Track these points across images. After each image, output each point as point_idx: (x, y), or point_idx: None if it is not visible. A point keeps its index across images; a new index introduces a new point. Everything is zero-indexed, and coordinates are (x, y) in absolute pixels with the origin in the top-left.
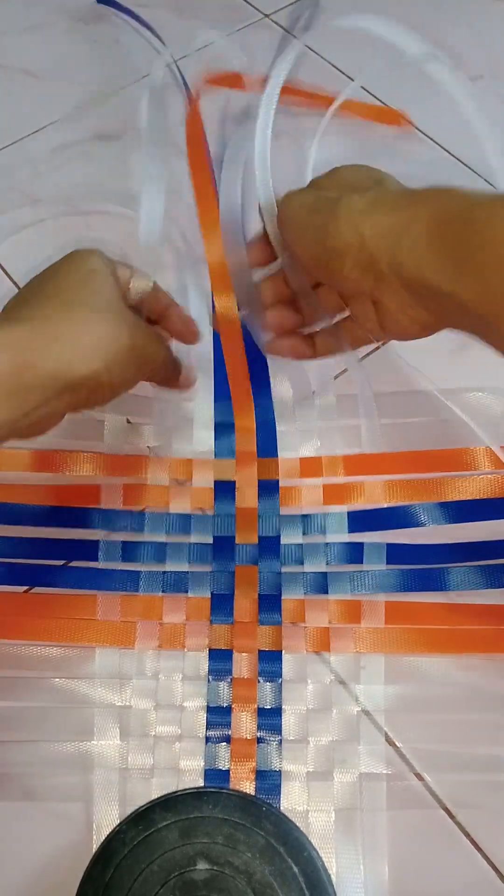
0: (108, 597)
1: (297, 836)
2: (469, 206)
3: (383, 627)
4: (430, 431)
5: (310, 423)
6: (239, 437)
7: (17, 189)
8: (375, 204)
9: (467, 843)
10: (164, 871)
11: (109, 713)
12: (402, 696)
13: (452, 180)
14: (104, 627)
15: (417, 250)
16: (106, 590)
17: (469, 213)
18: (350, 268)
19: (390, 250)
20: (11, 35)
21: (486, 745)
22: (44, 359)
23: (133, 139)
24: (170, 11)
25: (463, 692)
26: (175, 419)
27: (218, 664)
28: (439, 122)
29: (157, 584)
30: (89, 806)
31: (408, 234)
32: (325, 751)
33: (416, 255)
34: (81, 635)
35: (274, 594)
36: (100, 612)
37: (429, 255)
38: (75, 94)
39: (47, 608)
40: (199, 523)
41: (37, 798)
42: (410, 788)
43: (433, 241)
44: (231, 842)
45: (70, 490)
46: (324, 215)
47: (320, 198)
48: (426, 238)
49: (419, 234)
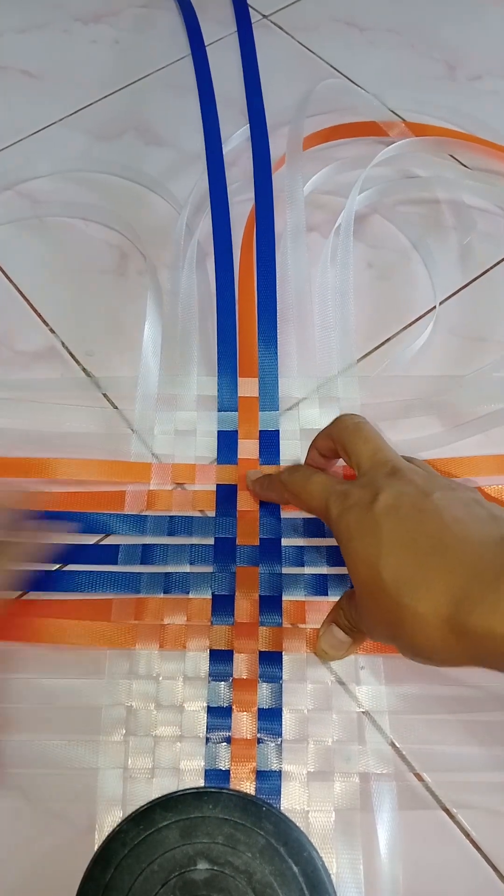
0: (110, 599)
1: (297, 836)
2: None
3: None
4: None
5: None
6: (242, 443)
7: (16, 189)
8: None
9: (467, 843)
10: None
11: (110, 714)
12: (402, 697)
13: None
14: (106, 629)
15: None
16: (108, 592)
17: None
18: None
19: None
20: (11, 35)
21: (486, 745)
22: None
23: (133, 139)
24: (169, 11)
25: (463, 692)
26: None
27: (218, 665)
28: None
29: (159, 585)
30: (89, 806)
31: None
32: (325, 751)
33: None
34: (84, 637)
35: (274, 595)
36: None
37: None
38: (75, 94)
39: (49, 610)
40: (201, 525)
41: (37, 798)
42: (410, 788)
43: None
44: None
45: (72, 496)
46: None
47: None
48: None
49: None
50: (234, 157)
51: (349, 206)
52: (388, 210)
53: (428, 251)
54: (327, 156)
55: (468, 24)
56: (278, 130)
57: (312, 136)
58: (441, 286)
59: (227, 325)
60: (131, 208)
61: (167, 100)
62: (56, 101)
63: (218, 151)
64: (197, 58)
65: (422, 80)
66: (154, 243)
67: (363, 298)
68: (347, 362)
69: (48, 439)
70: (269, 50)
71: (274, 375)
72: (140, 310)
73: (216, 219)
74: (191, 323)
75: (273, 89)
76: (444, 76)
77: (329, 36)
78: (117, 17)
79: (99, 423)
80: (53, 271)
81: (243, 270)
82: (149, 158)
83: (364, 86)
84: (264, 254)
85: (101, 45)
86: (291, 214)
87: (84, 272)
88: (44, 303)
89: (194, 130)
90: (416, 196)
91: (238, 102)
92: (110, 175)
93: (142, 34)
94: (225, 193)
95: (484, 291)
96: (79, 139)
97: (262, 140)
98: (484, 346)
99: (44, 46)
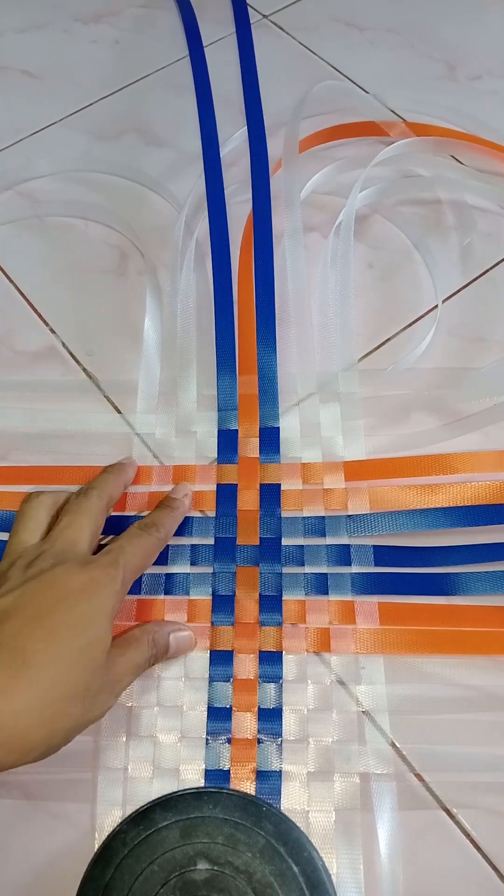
0: None
1: (297, 836)
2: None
3: (383, 628)
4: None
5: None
6: (242, 442)
7: (16, 189)
8: None
9: (467, 843)
10: (165, 871)
11: (111, 713)
12: (403, 697)
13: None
14: None
15: None
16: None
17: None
18: None
19: None
20: (11, 35)
21: (486, 745)
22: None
23: (133, 139)
24: (169, 11)
25: (463, 692)
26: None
27: (219, 665)
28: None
29: (159, 585)
30: (90, 806)
31: None
32: (325, 751)
33: None
34: None
35: (275, 595)
36: None
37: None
38: (75, 94)
39: None
40: (201, 525)
41: (37, 798)
42: (410, 788)
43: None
44: (231, 842)
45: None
46: None
47: None
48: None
49: None
50: (234, 157)
51: (349, 206)
52: (389, 210)
53: (428, 251)
54: (327, 156)
55: (468, 24)
56: (279, 130)
57: (312, 137)
58: (441, 286)
59: (225, 323)
60: (131, 208)
61: (167, 100)
62: (56, 101)
63: (215, 153)
64: (195, 59)
65: (422, 80)
66: (154, 243)
67: (363, 298)
68: (348, 361)
69: (49, 441)
70: (269, 50)
71: (273, 372)
72: (140, 310)
73: (213, 219)
74: (190, 322)
75: (273, 89)
76: (444, 76)
77: (329, 36)
78: (117, 17)
79: (100, 424)
80: (53, 271)
81: (243, 270)
82: (149, 158)
83: (364, 86)
84: (262, 253)
85: (101, 45)
86: (289, 216)
87: (84, 272)
88: (44, 303)
89: (194, 130)
90: (417, 196)
91: (238, 103)
92: (110, 175)
93: (142, 34)
94: (222, 194)
95: (484, 291)
96: (79, 139)
97: (260, 141)
98: (484, 346)
99: (44, 46)
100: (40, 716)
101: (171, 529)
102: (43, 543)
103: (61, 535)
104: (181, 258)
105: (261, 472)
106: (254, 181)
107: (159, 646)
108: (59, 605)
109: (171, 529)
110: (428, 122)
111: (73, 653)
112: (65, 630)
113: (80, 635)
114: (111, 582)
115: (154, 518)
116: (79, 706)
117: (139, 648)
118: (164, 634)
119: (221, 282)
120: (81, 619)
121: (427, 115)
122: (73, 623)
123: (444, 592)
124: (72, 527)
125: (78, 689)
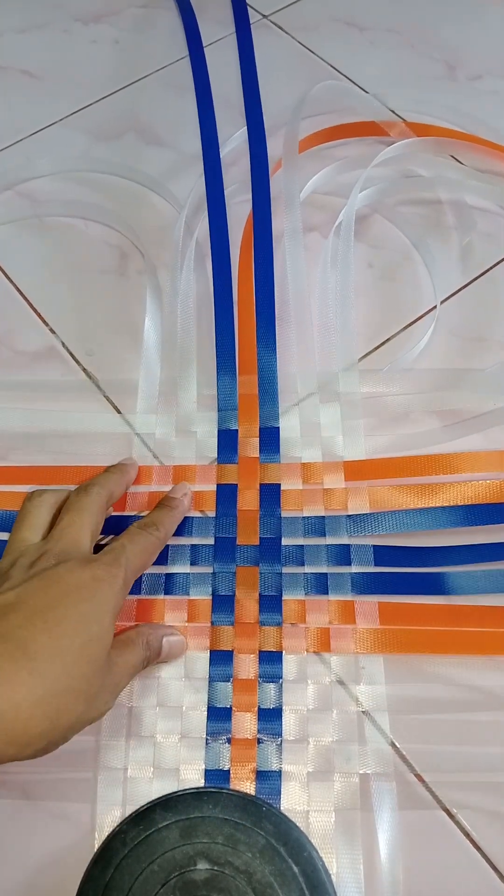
0: None
1: (297, 836)
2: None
3: (383, 628)
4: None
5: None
6: (242, 442)
7: (16, 189)
8: None
9: (467, 843)
10: (165, 871)
11: (111, 713)
12: (402, 697)
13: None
14: None
15: None
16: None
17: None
18: None
19: None
20: (11, 35)
21: (486, 745)
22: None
23: (133, 139)
24: (169, 11)
25: (463, 692)
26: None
27: (219, 665)
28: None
29: (159, 585)
30: (90, 806)
31: None
32: (325, 751)
33: None
34: None
35: (275, 595)
36: None
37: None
38: (75, 94)
39: None
40: (201, 525)
41: (37, 798)
42: (410, 788)
43: None
44: (231, 842)
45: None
46: None
47: None
48: None
49: None
50: (234, 157)
51: (350, 206)
52: (389, 210)
53: (428, 251)
54: (328, 156)
55: (468, 24)
56: (279, 131)
57: (312, 137)
58: (441, 286)
59: (225, 323)
60: (131, 208)
61: (167, 100)
62: (56, 101)
63: (215, 153)
64: (195, 59)
65: (422, 80)
66: (154, 243)
67: (363, 298)
68: (348, 361)
69: (48, 441)
70: (269, 50)
71: (273, 371)
72: (140, 310)
73: (213, 219)
74: (190, 322)
75: (273, 89)
76: (444, 76)
77: (329, 36)
78: (117, 17)
79: (100, 424)
80: (53, 271)
81: (243, 270)
82: (149, 158)
83: (364, 86)
84: (262, 253)
85: (101, 45)
86: (289, 216)
87: (84, 272)
88: (44, 303)
89: (194, 130)
90: (417, 196)
91: (238, 103)
92: (110, 175)
93: (142, 34)
94: (222, 194)
95: (484, 291)
96: (79, 139)
97: (260, 141)
98: (484, 345)
99: (44, 46)
100: (42, 708)
101: (171, 529)
102: (45, 542)
103: (63, 534)
104: (181, 258)
105: (261, 472)
106: (254, 181)
107: (152, 648)
108: (63, 601)
109: (171, 529)
110: (428, 122)
111: (76, 648)
112: (68, 626)
113: (82, 632)
114: (114, 581)
115: (154, 518)
116: (81, 702)
117: (135, 650)
118: (158, 637)
119: (221, 282)
120: (84, 616)
121: (427, 115)
122: (77, 619)
123: (444, 592)
124: (73, 526)
125: (80, 685)
